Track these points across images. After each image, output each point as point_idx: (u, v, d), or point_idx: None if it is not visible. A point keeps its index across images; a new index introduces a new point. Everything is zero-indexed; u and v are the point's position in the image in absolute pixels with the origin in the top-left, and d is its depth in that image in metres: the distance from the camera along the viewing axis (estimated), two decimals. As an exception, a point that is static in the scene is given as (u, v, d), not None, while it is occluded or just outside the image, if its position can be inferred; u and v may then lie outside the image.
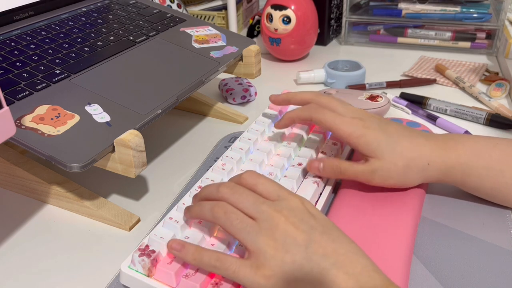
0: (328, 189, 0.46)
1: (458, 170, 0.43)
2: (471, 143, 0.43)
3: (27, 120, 0.43)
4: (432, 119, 0.63)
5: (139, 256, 0.35)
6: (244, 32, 0.99)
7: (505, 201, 0.44)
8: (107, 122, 0.44)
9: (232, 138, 0.59)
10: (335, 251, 0.32)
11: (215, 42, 0.62)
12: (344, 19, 0.90)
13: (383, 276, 0.31)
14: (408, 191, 0.45)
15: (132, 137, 0.41)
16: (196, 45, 0.60)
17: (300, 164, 0.46)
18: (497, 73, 0.75)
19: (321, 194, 0.45)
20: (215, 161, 0.52)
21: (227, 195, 0.35)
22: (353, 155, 0.52)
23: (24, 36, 0.54)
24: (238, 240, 0.34)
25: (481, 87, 0.71)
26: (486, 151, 0.43)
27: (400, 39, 0.89)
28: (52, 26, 0.58)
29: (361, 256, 0.32)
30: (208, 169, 0.47)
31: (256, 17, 0.96)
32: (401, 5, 0.87)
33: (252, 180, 0.37)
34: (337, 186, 0.48)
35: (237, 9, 0.96)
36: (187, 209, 0.38)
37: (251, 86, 0.71)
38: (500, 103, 0.65)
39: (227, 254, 0.34)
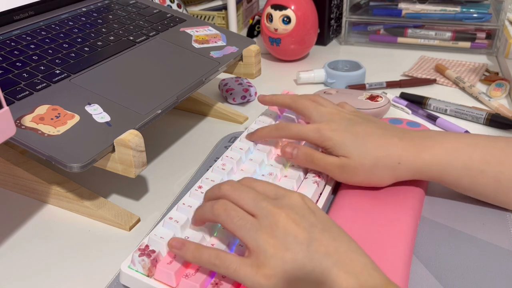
0: (328, 189, 0.46)
1: (434, 169, 0.42)
2: (451, 142, 0.43)
3: (27, 120, 0.43)
4: (432, 119, 0.63)
5: (139, 256, 0.35)
6: (244, 32, 0.99)
7: (485, 199, 0.44)
8: (107, 122, 0.44)
9: (232, 138, 0.59)
10: (336, 249, 0.32)
11: (215, 42, 0.62)
12: (344, 19, 0.90)
13: (383, 275, 0.31)
14: (408, 191, 0.45)
15: (132, 137, 0.41)
16: (196, 45, 0.60)
17: (300, 164, 0.46)
18: (497, 73, 0.75)
19: (321, 194, 0.45)
20: (215, 161, 0.52)
21: (228, 192, 0.35)
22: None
23: (24, 36, 0.54)
24: (238, 237, 0.34)
25: (481, 87, 0.71)
26: (466, 151, 0.42)
27: (400, 39, 0.89)
28: (52, 26, 0.58)
29: (360, 255, 0.32)
30: (208, 169, 0.47)
31: (256, 17, 0.96)
32: (401, 5, 0.87)
33: (251, 183, 0.37)
34: (337, 186, 0.48)
35: (237, 9, 0.96)
36: (192, 216, 0.38)
37: (251, 86, 0.71)
38: (500, 103, 0.65)
39: (227, 252, 0.33)
